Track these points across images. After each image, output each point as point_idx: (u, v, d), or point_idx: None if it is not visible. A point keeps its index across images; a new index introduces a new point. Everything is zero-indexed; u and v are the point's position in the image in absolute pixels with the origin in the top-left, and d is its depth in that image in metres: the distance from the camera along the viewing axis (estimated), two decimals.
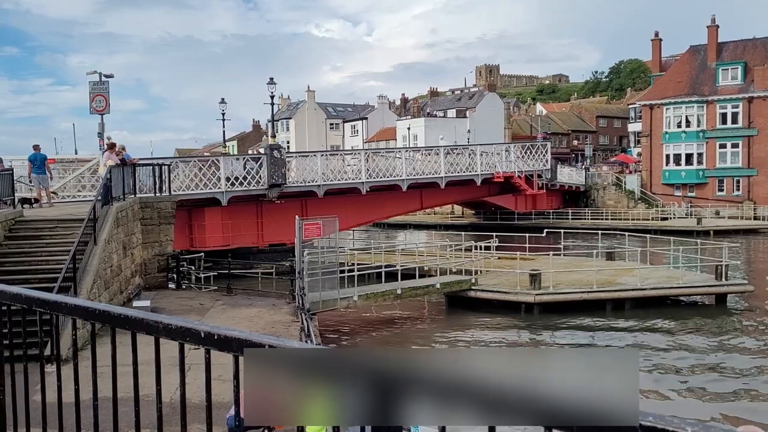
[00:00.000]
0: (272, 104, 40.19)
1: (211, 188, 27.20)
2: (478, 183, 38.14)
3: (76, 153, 28.80)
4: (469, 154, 38.16)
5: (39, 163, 20.02)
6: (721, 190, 54.90)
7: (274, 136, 35.47)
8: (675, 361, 16.58)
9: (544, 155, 42.69)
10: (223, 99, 45.23)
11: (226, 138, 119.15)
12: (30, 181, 21.10)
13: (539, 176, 41.62)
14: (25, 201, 19.80)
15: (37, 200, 19.94)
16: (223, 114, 45.39)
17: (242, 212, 29.44)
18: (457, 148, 40.16)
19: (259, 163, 28.87)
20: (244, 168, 28.50)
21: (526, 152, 42.14)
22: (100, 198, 16.17)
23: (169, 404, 6.73)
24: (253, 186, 28.62)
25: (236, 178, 28.16)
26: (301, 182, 30.23)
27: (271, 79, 36.53)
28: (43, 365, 2.50)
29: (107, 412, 2.11)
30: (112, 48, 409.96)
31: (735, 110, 54.12)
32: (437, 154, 36.79)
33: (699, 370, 15.84)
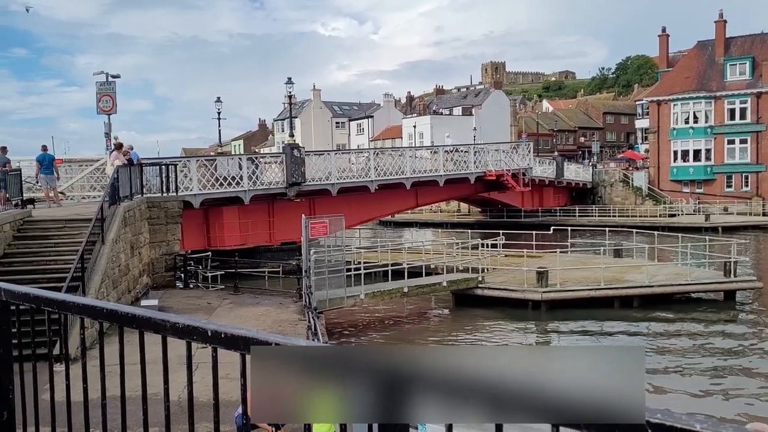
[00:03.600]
0: (290, 104, 40.77)
1: (234, 187, 27.59)
2: (472, 181, 39.67)
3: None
4: (464, 153, 39.85)
5: (47, 163, 20.15)
6: (730, 186, 54.58)
7: (292, 135, 35.63)
8: (684, 357, 16.52)
9: (527, 154, 44.75)
10: (218, 98, 44.96)
11: (233, 137, 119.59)
12: (37, 182, 21.24)
13: (523, 174, 43.35)
14: (29, 201, 19.71)
15: (32, 201, 19.73)
16: (219, 113, 45.36)
17: (256, 211, 29.74)
18: (453, 147, 42.01)
19: (254, 164, 29.08)
20: (238, 168, 28.49)
21: (513, 151, 44.47)
22: (107, 198, 16.24)
23: (177, 403, 6.75)
24: (274, 185, 29.13)
25: (237, 178, 28.20)
26: (317, 181, 30.77)
27: (289, 78, 37.03)
28: (52, 364, 2.51)
29: (115, 410, 2.12)
30: (118, 49, 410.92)
31: (743, 106, 53.79)
32: (436, 152, 38.83)
33: (708, 366, 15.77)
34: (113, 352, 2.07)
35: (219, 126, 46.21)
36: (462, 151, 40.48)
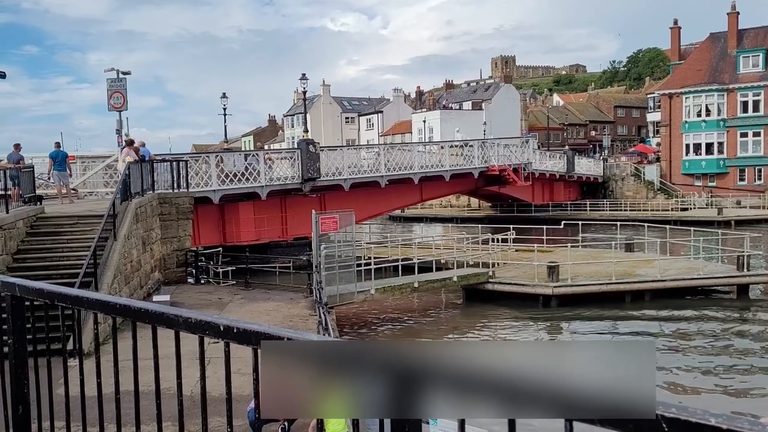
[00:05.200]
0: (304, 100, 41.24)
1: (252, 183, 27.77)
2: (476, 175, 40.43)
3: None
4: (470, 148, 40.72)
5: (60, 160, 20.30)
6: (743, 180, 54.09)
7: (306, 131, 35.88)
8: (696, 352, 16.42)
9: (527, 149, 45.94)
10: (224, 94, 45.32)
11: (243, 133, 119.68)
12: (49, 178, 21.40)
13: (524, 168, 44.17)
14: (37, 198, 19.31)
15: (40, 198, 19.47)
16: (225, 109, 45.56)
17: (270, 207, 29.95)
18: (462, 143, 43.02)
19: (257, 159, 29.18)
20: (243, 163, 28.51)
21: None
22: (119, 194, 16.33)
23: (189, 397, 6.79)
24: (290, 181, 29.42)
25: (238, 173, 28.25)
26: (331, 176, 31.02)
27: (303, 74, 37.61)
28: (66, 359, 2.53)
29: (129, 405, 2.14)
30: (130, 46, 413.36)
31: (756, 98, 53.24)
32: (442, 148, 39.99)
33: (721, 361, 15.67)
34: (126, 347, 2.09)
35: (225, 122, 46.66)
36: (468, 145, 41.32)
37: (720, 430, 1.01)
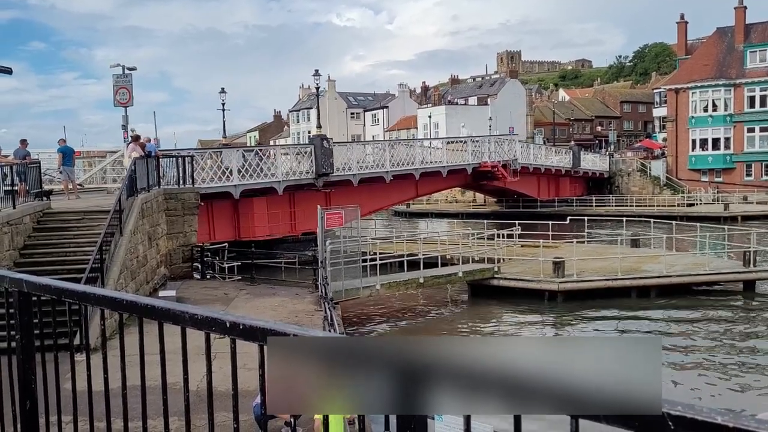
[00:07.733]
0: (317, 96, 41.77)
1: (270, 178, 27.90)
2: (469, 171, 40.99)
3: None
4: (462, 145, 41.70)
5: (69, 155, 20.39)
6: (749, 175, 53.77)
7: (320, 126, 36.05)
8: (703, 349, 16.38)
9: (513, 145, 46.94)
10: (222, 89, 45.32)
11: (249, 129, 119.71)
12: (60, 172, 21.51)
13: (511, 164, 44.84)
14: (45, 194, 19.19)
15: (50, 192, 19.24)
16: (224, 104, 45.55)
17: (280, 202, 30.08)
18: (452, 139, 44.44)
19: (258, 156, 29.11)
20: (241, 160, 28.44)
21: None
22: (125, 190, 16.38)
23: (196, 392, 6.80)
24: (305, 176, 29.72)
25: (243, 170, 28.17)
26: (341, 171, 31.33)
27: (317, 71, 38.02)
28: (73, 354, 2.55)
29: (136, 400, 2.15)
30: (136, 41, 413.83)
31: (763, 93, 52.88)
32: (442, 144, 41.18)
33: (728, 357, 15.63)
34: (133, 343, 2.10)
35: (224, 117, 46.59)
36: (466, 141, 42.13)
37: (726, 428, 1.01)
